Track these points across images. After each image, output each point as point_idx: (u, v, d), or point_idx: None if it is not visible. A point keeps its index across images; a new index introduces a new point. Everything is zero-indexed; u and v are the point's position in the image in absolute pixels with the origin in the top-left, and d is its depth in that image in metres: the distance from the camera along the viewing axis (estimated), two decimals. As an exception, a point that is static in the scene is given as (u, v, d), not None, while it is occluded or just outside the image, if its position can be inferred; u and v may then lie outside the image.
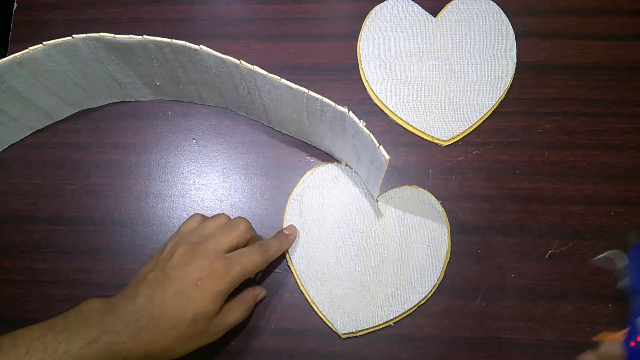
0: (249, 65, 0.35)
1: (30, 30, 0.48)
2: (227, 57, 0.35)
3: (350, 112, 0.34)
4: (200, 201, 0.44)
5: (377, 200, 0.42)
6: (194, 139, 0.45)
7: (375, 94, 0.45)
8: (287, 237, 0.40)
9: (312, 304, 0.40)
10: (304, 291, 0.40)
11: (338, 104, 0.34)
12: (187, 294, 0.32)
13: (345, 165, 0.43)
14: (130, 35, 0.37)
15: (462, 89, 0.45)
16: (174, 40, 0.36)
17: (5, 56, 0.38)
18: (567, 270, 0.41)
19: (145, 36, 0.37)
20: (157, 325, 0.31)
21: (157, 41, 0.37)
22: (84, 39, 0.37)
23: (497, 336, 0.40)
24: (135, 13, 0.48)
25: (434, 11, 0.47)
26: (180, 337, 0.32)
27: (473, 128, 0.44)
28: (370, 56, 0.46)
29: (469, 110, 0.44)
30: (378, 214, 0.42)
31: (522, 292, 0.40)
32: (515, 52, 0.46)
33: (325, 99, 0.34)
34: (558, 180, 0.43)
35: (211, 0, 0.49)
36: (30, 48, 0.37)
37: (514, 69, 0.45)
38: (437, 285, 0.40)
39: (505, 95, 0.45)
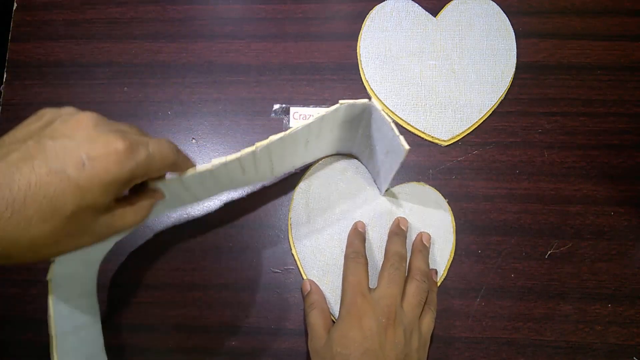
0: (266, 142, 0.33)
1: (30, 30, 0.48)
2: (243, 152, 0.33)
3: (372, 99, 0.34)
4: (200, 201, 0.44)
5: (383, 195, 0.42)
6: (193, 139, 0.45)
7: (375, 94, 0.45)
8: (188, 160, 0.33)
9: None
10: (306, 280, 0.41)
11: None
12: (68, 175, 0.24)
13: (354, 158, 0.43)
14: None
15: (462, 89, 0.45)
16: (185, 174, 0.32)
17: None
18: (566, 270, 0.41)
19: None
20: (20, 215, 0.23)
21: None
22: None
23: (497, 336, 0.40)
24: (136, 13, 0.48)
25: (434, 11, 0.47)
26: (52, 233, 0.24)
27: (473, 128, 0.44)
28: (370, 56, 0.46)
29: (469, 110, 0.44)
30: (384, 208, 0.42)
31: (522, 292, 0.40)
32: (515, 52, 0.46)
33: (343, 102, 0.34)
34: (558, 180, 0.43)
35: (211, 0, 0.49)
36: None
37: (514, 69, 0.45)
38: (439, 284, 0.40)
39: (505, 95, 0.45)
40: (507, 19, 0.47)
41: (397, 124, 0.44)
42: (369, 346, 0.33)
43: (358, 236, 0.40)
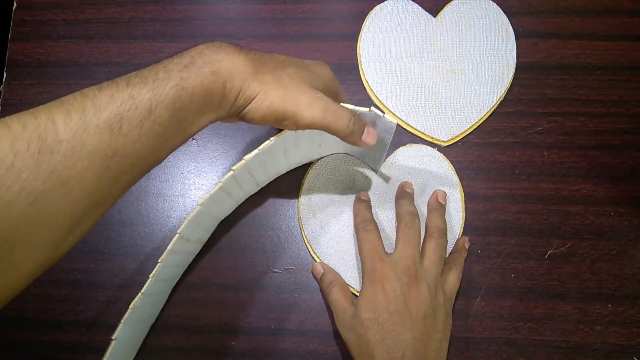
0: (241, 162, 0.33)
1: (30, 30, 0.48)
2: (224, 180, 0.34)
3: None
4: (200, 201, 0.44)
5: (380, 172, 0.43)
6: (194, 139, 0.45)
7: (375, 94, 0.45)
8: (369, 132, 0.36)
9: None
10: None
11: None
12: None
13: (337, 154, 0.44)
14: None
15: (462, 89, 0.45)
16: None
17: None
18: (566, 270, 0.41)
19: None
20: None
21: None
22: None
23: (497, 336, 0.40)
24: (135, 13, 0.48)
25: (434, 11, 0.47)
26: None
27: (473, 128, 0.44)
28: (370, 56, 0.46)
29: (468, 111, 0.44)
30: (385, 183, 0.43)
31: (522, 292, 0.41)
32: (515, 52, 0.46)
33: None
34: (558, 180, 0.43)
35: (211, 0, 0.49)
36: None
37: (513, 69, 0.45)
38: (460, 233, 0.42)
39: (505, 96, 0.45)
40: (507, 19, 0.47)
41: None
42: (395, 307, 0.34)
43: (362, 204, 0.41)
